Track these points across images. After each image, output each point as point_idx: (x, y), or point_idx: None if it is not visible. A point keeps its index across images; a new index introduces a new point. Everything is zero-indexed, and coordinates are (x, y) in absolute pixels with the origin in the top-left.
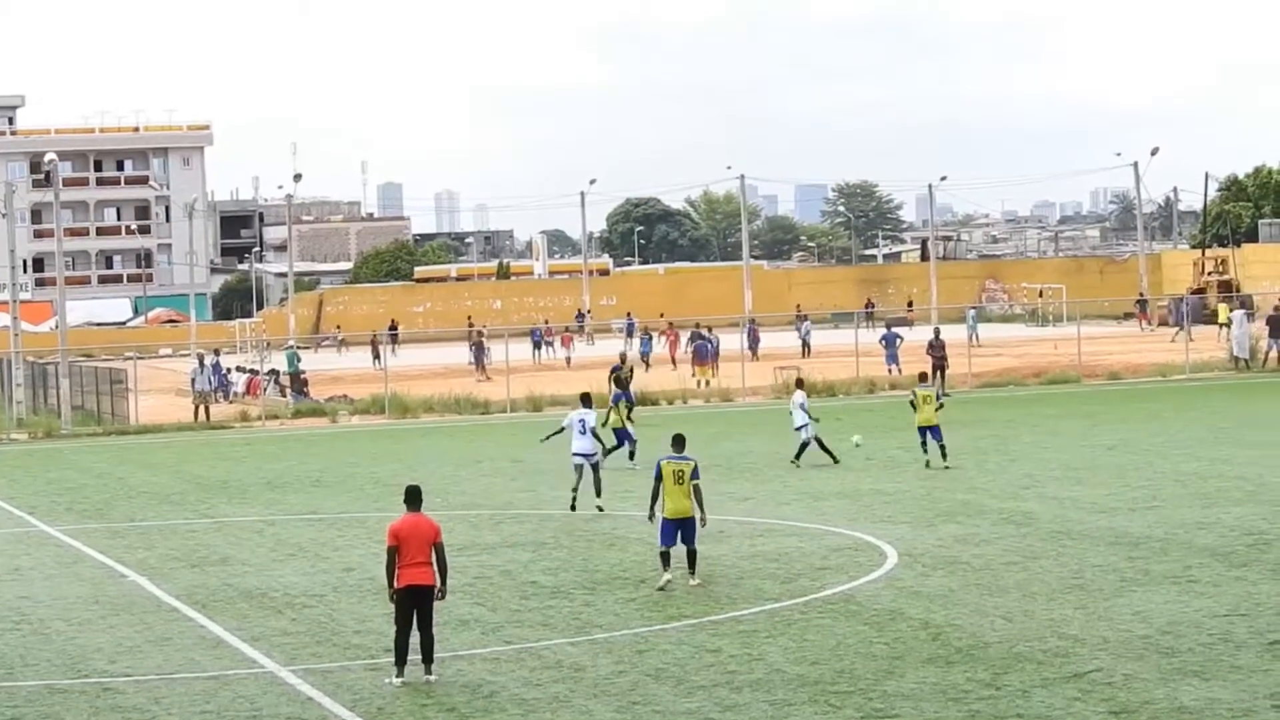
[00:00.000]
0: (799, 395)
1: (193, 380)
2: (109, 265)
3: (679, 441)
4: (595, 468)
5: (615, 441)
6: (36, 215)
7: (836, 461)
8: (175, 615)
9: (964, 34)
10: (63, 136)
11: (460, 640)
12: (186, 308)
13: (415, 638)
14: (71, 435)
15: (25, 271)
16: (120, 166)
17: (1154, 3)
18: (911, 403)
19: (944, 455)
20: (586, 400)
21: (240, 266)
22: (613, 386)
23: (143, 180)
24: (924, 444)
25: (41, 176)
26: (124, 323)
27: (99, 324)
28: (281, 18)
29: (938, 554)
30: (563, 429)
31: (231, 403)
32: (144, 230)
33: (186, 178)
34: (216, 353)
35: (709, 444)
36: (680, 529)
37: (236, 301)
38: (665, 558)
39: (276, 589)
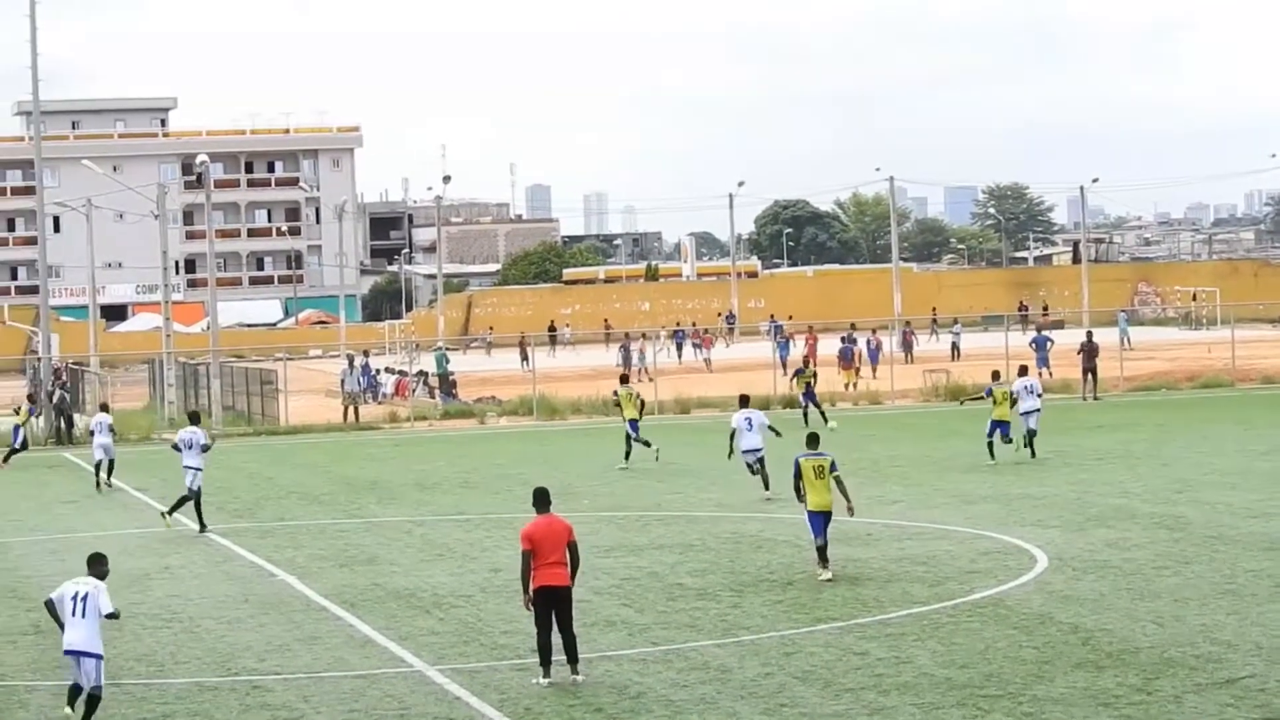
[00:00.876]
0: (1026, 380)
1: (342, 381)
2: (260, 267)
3: (813, 439)
4: (762, 462)
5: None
6: (188, 216)
7: (1034, 456)
8: (324, 614)
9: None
10: (214, 138)
11: (607, 641)
12: (336, 309)
13: (558, 639)
14: (222, 435)
15: (177, 273)
16: (271, 168)
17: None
18: (980, 399)
19: (991, 452)
20: (745, 401)
21: (389, 268)
22: (796, 387)
23: (293, 182)
24: (991, 443)
25: (193, 178)
26: (274, 324)
27: (249, 325)
28: (427, 20)
29: (1088, 558)
30: (735, 432)
31: (380, 404)
32: (294, 232)
33: (336, 179)
34: (366, 354)
35: (857, 446)
36: (824, 521)
37: (386, 303)
38: (822, 552)
39: (424, 589)
